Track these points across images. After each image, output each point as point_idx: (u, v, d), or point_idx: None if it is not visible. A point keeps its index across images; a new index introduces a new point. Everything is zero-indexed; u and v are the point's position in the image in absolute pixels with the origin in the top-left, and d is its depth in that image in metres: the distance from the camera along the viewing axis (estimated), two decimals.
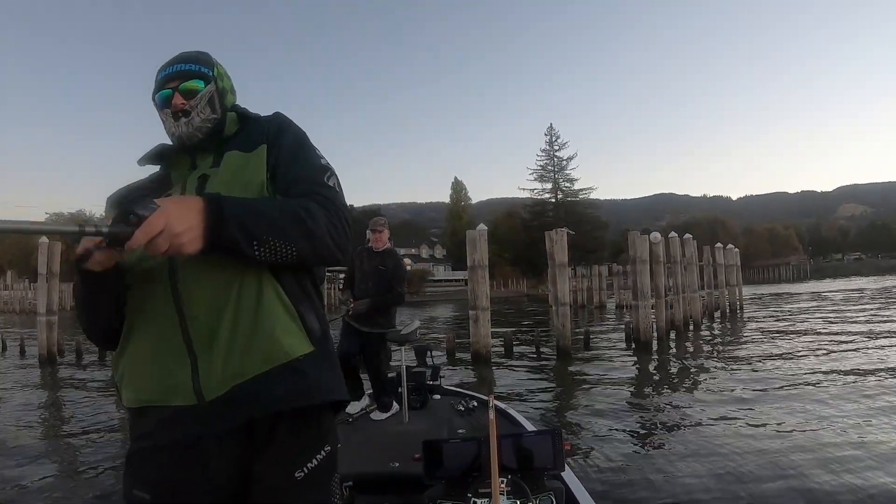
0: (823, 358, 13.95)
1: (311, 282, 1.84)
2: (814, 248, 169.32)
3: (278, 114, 2.00)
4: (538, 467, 3.45)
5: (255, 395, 1.63)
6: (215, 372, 1.62)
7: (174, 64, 1.90)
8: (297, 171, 1.81)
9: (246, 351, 1.63)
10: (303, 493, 1.70)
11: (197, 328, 1.64)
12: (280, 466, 1.68)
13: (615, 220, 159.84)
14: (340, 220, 1.74)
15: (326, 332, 1.81)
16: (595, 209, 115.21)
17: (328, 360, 1.79)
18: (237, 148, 1.84)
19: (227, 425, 1.64)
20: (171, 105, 1.86)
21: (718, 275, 31.48)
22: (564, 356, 15.59)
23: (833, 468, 6.15)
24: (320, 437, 1.78)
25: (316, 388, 1.71)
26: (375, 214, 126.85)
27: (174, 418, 1.65)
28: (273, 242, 1.58)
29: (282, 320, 1.69)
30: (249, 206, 1.59)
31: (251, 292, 1.67)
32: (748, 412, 8.75)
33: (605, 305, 44.59)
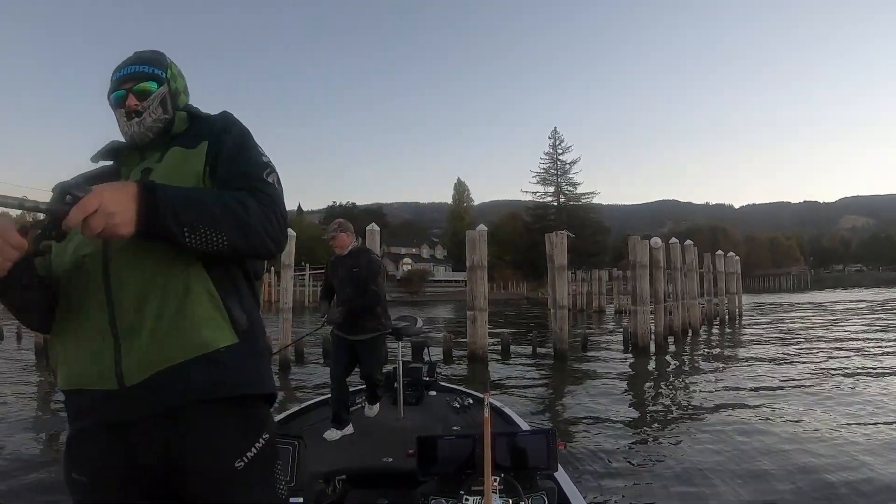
0: (820, 365, 13.97)
1: (244, 276, 1.91)
2: (815, 259, 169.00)
3: (225, 112, 2.06)
4: (531, 466, 3.46)
5: (173, 384, 1.67)
6: (137, 358, 1.67)
7: (129, 65, 1.98)
8: (237, 167, 1.86)
9: (168, 339, 1.68)
10: (246, 482, 1.76)
11: (123, 315, 1.69)
12: (217, 458, 1.73)
13: (617, 226, 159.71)
14: (275, 214, 1.79)
15: (254, 326, 1.86)
16: (597, 214, 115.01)
17: (253, 352, 1.84)
18: (181, 145, 1.90)
19: (146, 412, 1.68)
20: (125, 106, 1.93)
21: (718, 282, 31.50)
22: (561, 359, 15.57)
23: (831, 475, 6.14)
24: (256, 426, 1.83)
25: (234, 380, 1.76)
26: (377, 214, 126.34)
27: (101, 402, 1.70)
28: (204, 230, 1.61)
29: (206, 311, 1.74)
30: (183, 194, 1.62)
31: (178, 282, 1.72)
32: (742, 417, 8.76)
33: (605, 310, 44.49)
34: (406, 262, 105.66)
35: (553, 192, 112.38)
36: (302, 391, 11.96)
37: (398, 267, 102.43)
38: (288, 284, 15.52)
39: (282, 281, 16.19)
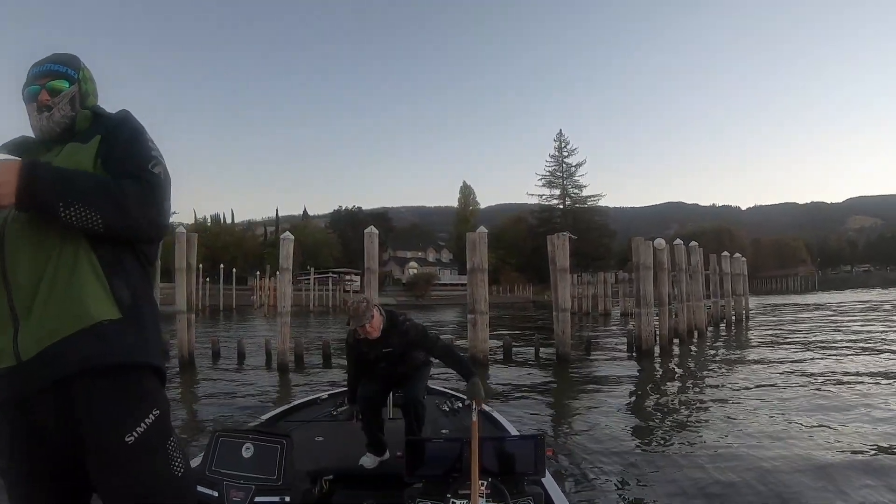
0: (831, 368, 13.68)
1: (134, 257, 2.06)
2: (822, 260, 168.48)
3: (124, 111, 2.21)
4: (519, 472, 3.52)
5: (62, 355, 1.83)
6: (31, 334, 1.83)
7: (45, 63, 2.17)
8: (126, 158, 2.02)
9: (57, 315, 1.85)
10: (137, 456, 1.89)
11: (19, 297, 1.86)
12: (107, 431, 1.87)
13: (623, 228, 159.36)
14: (155, 199, 1.98)
15: (140, 304, 2.02)
16: (603, 216, 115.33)
17: (137, 327, 1.98)
18: (78, 140, 2.08)
19: (42, 384, 1.83)
20: (37, 100, 2.11)
21: (725, 284, 31.22)
22: (564, 362, 15.39)
23: (833, 485, 5.90)
24: (145, 400, 1.97)
25: (121, 350, 1.91)
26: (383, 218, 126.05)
27: (3, 379, 1.86)
28: (79, 207, 1.80)
29: (92, 288, 1.91)
30: (62, 173, 1.85)
31: (67, 262, 1.89)
32: (746, 425, 8.49)
33: (610, 313, 44.38)
34: (412, 265, 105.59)
35: (559, 194, 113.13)
36: (295, 393, 11.76)
37: (404, 271, 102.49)
38: (286, 288, 15.35)
39: (279, 284, 15.98)
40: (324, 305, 66.46)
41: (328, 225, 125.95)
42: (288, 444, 3.67)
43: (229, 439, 3.77)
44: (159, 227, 2.02)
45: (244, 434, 3.85)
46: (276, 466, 3.58)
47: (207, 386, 13.13)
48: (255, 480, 3.56)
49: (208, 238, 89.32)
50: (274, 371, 14.92)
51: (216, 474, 3.57)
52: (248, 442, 3.71)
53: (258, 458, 3.65)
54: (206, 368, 15.67)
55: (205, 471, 3.60)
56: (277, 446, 3.65)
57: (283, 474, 3.56)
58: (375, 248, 14.99)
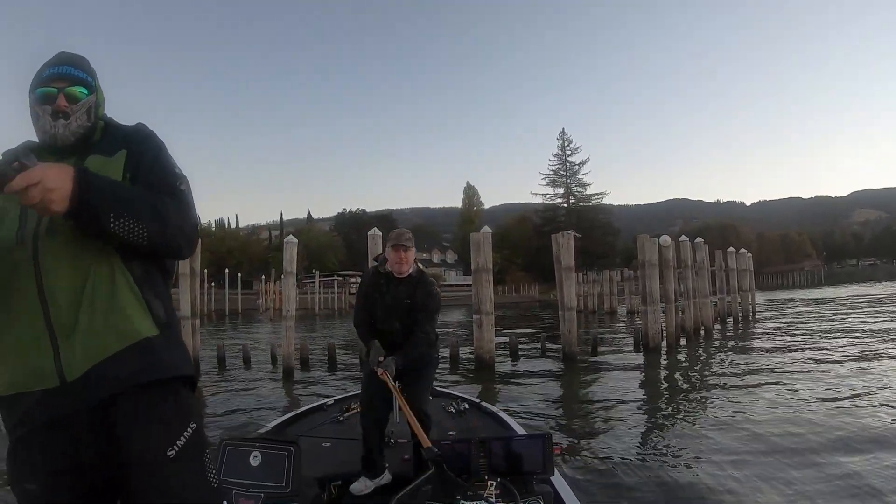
0: (837, 364, 13.56)
1: (160, 273, 2.05)
2: (828, 254, 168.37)
3: (141, 125, 2.16)
4: (527, 471, 3.52)
5: (112, 373, 1.81)
6: (75, 354, 1.79)
7: (63, 65, 2.05)
8: (155, 175, 2.00)
9: (101, 333, 1.82)
10: (178, 469, 1.88)
11: (58, 315, 1.80)
12: (151, 446, 1.85)
13: (628, 226, 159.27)
14: (190, 217, 1.98)
15: (171, 319, 2.01)
16: (607, 214, 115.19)
17: (174, 342, 1.99)
18: (99, 153, 2.02)
19: (89, 403, 1.80)
20: (55, 104, 2.00)
21: (731, 280, 31.14)
22: (570, 361, 15.30)
23: (842, 487, 5.77)
24: (184, 415, 1.96)
25: (166, 364, 1.92)
26: (387, 220, 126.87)
27: (41, 401, 1.80)
28: (127, 219, 1.75)
29: (131, 304, 1.89)
30: (113, 184, 1.81)
31: (105, 280, 1.86)
32: (753, 421, 8.42)
33: (616, 311, 44.21)
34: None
35: (563, 193, 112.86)
36: (302, 398, 11.71)
37: None
38: (291, 292, 15.30)
39: (284, 288, 15.95)
40: (329, 308, 66.44)
41: (332, 228, 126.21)
42: (296, 451, 3.65)
43: (237, 448, 3.75)
44: (192, 242, 2.00)
45: (251, 442, 3.84)
46: (284, 473, 3.56)
47: (213, 393, 13.08)
48: (264, 488, 3.54)
49: (213, 243, 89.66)
50: (280, 376, 14.88)
51: (224, 483, 3.50)
52: (256, 450, 3.70)
53: (266, 466, 3.64)
54: (212, 374, 15.66)
55: None
56: (285, 453, 3.63)
57: (291, 481, 3.54)
58: (379, 249, 14.89)
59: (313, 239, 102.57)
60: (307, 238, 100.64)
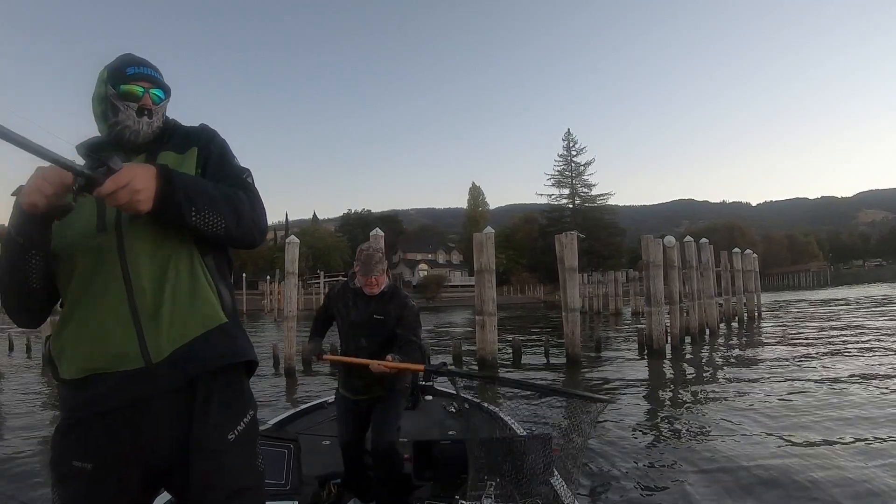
0: (844, 367, 13.39)
1: (226, 264, 2.16)
2: (834, 255, 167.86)
3: (205, 125, 2.28)
4: (527, 472, 3.47)
5: (196, 355, 1.92)
6: (160, 337, 1.88)
7: (145, 66, 2.13)
8: (224, 170, 2.13)
9: (185, 318, 1.92)
10: (236, 452, 1.97)
11: (143, 299, 1.89)
12: (217, 429, 1.94)
13: (633, 227, 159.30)
14: (260, 205, 2.07)
15: (235, 308, 2.13)
16: (613, 215, 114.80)
17: (240, 329, 2.09)
18: (171, 150, 2.12)
19: (174, 384, 1.89)
20: (141, 101, 2.07)
21: (736, 281, 31.05)
22: (574, 363, 15.25)
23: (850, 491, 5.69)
24: (245, 400, 2.07)
25: (241, 349, 2.04)
26: (393, 221, 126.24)
27: (123, 382, 1.86)
28: (207, 212, 1.85)
29: (208, 293, 2.00)
30: (193, 180, 1.90)
31: (185, 267, 1.96)
32: (758, 424, 8.34)
33: (622, 312, 44.13)
34: (422, 268, 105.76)
35: (568, 194, 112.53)
36: (302, 397, 11.70)
37: (414, 273, 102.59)
38: (292, 292, 15.34)
39: (286, 288, 15.95)
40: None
41: (338, 228, 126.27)
42: (295, 449, 3.69)
43: None
44: (263, 233, 2.10)
45: None
46: (283, 471, 3.59)
47: None
48: None
49: None
50: (281, 376, 14.91)
51: None
52: None
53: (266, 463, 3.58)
54: None
55: None
56: (285, 451, 3.66)
57: (290, 478, 3.58)
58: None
59: (319, 240, 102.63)
60: (312, 239, 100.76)
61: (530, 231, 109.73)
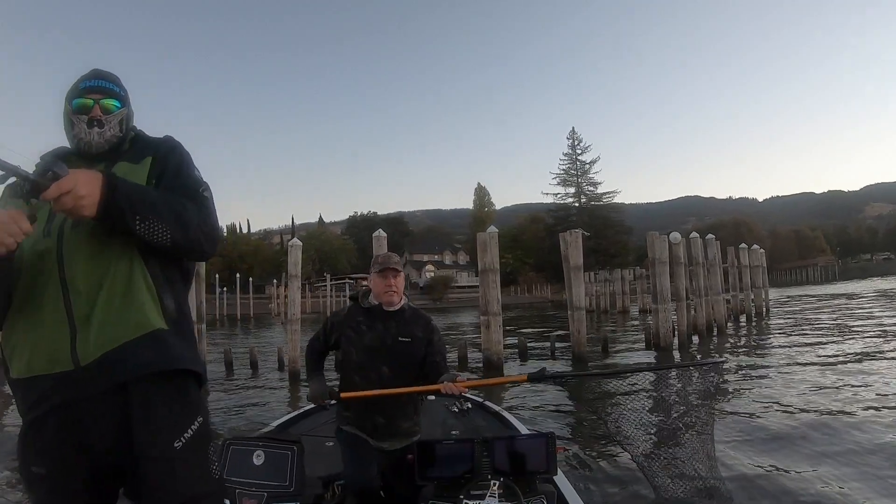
0: (856, 365, 13.17)
1: (179, 274, 2.19)
2: (841, 249, 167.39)
3: (170, 137, 2.35)
4: (530, 470, 3.52)
5: (124, 360, 1.92)
6: (90, 340, 1.91)
7: (99, 79, 2.24)
8: (179, 181, 2.17)
9: (116, 323, 1.93)
10: (186, 460, 1.98)
11: (78, 302, 1.93)
12: (159, 437, 1.95)
13: (640, 224, 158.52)
14: (210, 220, 2.12)
15: (183, 317, 2.13)
16: (619, 213, 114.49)
17: (183, 338, 2.09)
18: (127, 160, 2.19)
19: (101, 387, 1.91)
20: (90, 113, 2.17)
21: (743, 277, 30.91)
22: (580, 362, 15.16)
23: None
24: (191, 408, 2.06)
25: (175, 356, 2.01)
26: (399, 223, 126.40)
27: (56, 384, 1.91)
28: (152, 221, 1.90)
29: (145, 300, 2.01)
30: (138, 188, 1.97)
31: (123, 274, 1.98)
32: (765, 423, 8.24)
33: (629, 310, 43.86)
34: (429, 269, 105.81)
35: (574, 192, 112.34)
36: (305, 399, 11.68)
37: (421, 274, 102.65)
38: (296, 295, 15.31)
39: (289, 291, 15.92)
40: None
41: (344, 231, 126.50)
42: (298, 450, 3.66)
43: (240, 447, 3.73)
44: (214, 247, 2.14)
45: (255, 441, 3.82)
46: (287, 473, 3.57)
47: (219, 395, 13.14)
48: (267, 487, 3.54)
49: (225, 248, 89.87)
50: (286, 378, 14.88)
51: (228, 482, 3.36)
52: (259, 449, 3.70)
53: (269, 465, 3.64)
54: (218, 378, 15.68)
55: None
56: (288, 452, 3.64)
57: (294, 480, 3.55)
58: (384, 250, 14.75)
59: (325, 242, 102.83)
60: (319, 242, 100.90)
61: (537, 230, 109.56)
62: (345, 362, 4.06)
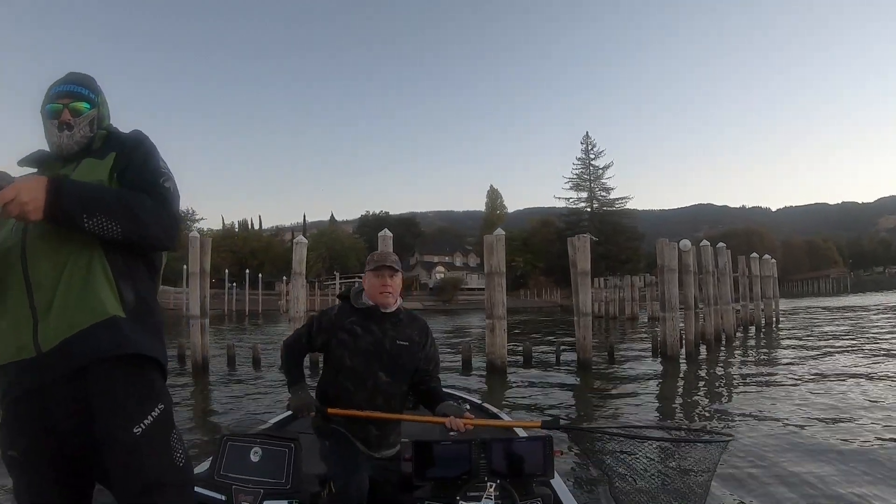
0: (865, 377, 12.95)
1: (144, 266, 2.29)
2: (854, 261, 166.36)
3: (137, 131, 2.44)
4: (527, 473, 3.49)
5: (81, 346, 2.02)
6: (50, 328, 2.02)
7: (68, 84, 2.36)
8: (140, 174, 2.26)
9: (73, 311, 2.04)
10: (144, 447, 2.04)
11: (40, 296, 2.05)
12: (118, 422, 2.03)
13: (652, 231, 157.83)
14: (167, 211, 2.22)
15: (144, 306, 2.22)
16: (631, 219, 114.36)
17: (143, 326, 2.18)
18: (93, 156, 2.30)
19: (60, 373, 2.02)
20: (59, 118, 2.29)
21: (754, 286, 30.65)
22: (585, 369, 14.99)
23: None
24: (152, 395, 2.15)
25: (131, 342, 2.10)
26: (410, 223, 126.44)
27: (21, 371, 2.04)
28: (100, 218, 2.01)
29: (103, 289, 2.10)
30: (86, 188, 2.07)
31: (82, 267, 2.09)
32: (770, 434, 8.03)
33: (637, 317, 43.69)
34: (439, 270, 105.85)
35: (586, 197, 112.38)
36: None
37: (431, 276, 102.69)
38: (299, 292, 15.33)
39: (293, 289, 15.89)
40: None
41: (355, 230, 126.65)
42: (296, 448, 3.61)
43: (237, 443, 3.69)
44: (171, 237, 2.24)
45: (252, 438, 3.77)
46: (284, 470, 3.54)
47: (219, 391, 13.13)
48: (264, 484, 3.49)
49: (236, 243, 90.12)
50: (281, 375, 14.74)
51: (224, 479, 3.52)
52: (257, 446, 3.64)
53: (266, 462, 3.59)
54: (220, 374, 15.67)
55: (213, 475, 3.53)
56: (286, 450, 3.60)
57: (291, 478, 3.52)
58: (389, 250, 14.61)
59: (336, 241, 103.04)
60: (330, 240, 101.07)
61: (548, 234, 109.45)
62: (334, 367, 3.82)
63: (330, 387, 3.85)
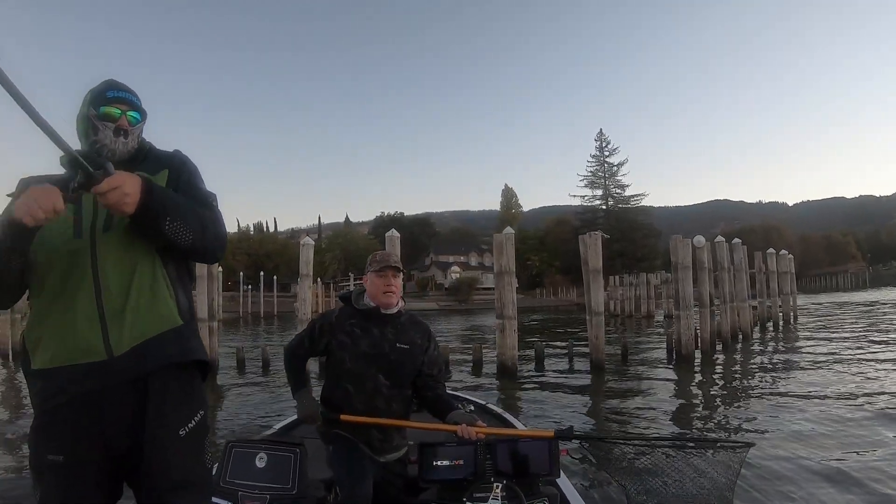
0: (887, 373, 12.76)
1: (187, 274, 2.41)
2: (873, 256, 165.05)
3: (178, 151, 2.51)
4: (533, 473, 3.50)
5: (151, 352, 2.13)
6: (122, 334, 2.09)
7: (124, 91, 2.36)
8: (192, 192, 2.34)
9: (145, 317, 2.14)
10: (184, 447, 2.16)
11: (109, 299, 2.11)
12: (169, 423, 2.13)
13: (668, 228, 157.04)
14: (221, 227, 2.34)
15: (192, 312, 2.36)
16: (647, 216, 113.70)
17: (194, 333, 2.34)
18: (145, 170, 2.25)
19: (129, 376, 2.10)
20: (117, 122, 2.30)
21: (771, 283, 30.31)
22: (597, 369, 14.78)
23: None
24: (198, 399, 2.29)
25: (193, 349, 2.26)
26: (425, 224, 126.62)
27: (85, 373, 2.06)
28: (179, 223, 2.10)
29: (167, 297, 2.22)
30: (170, 193, 2.15)
31: (148, 274, 2.19)
32: (786, 435, 7.85)
33: (654, 315, 43.36)
34: (454, 270, 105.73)
35: (601, 195, 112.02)
36: None
37: (447, 275, 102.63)
38: (306, 294, 15.33)
39: (299, 290, 15.86)
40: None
41: (371, 231, 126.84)
42: (301, 453, 3.63)
43: (243, 449, 3.72)
44: (223, 250, 2.37)
45: (257, 443, 3.81)
46: (290, 475, 3.55)
47: (226, 394, 13.12)
48: (270, 490, 3.52)
49: (251, 246, 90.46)
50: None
51: (230, 485, 3.55)
52: (262, 451, 3.67)
53: (272, 468, 3.62)
54: (229, 376, 15.66)
55: (219, 482, 3.54)
56: (291, 455, 3.62)
57: (297, 483, 3.54)
58: (397, 250, 14.36)
59: (351, 242, 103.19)
60: (345, 241, 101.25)
61: (563, 233, 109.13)
62: (335, 370, 3.73)
63: (332, 390, 3.79)
